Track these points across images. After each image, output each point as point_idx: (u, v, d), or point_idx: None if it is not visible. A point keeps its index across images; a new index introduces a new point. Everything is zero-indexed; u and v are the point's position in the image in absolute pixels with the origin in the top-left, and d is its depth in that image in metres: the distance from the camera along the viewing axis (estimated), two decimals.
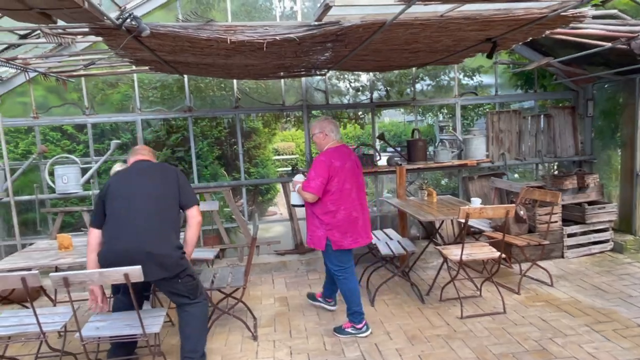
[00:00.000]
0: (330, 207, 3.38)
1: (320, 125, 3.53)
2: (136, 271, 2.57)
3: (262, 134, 8.21)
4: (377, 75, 5.65)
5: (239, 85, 5.22)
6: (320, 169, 3.34)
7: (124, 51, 3.41)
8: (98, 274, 2.57)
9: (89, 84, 5.03)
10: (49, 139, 6.14)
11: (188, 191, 3.01)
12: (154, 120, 5.61)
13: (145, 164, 3.08)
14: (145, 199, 2.83)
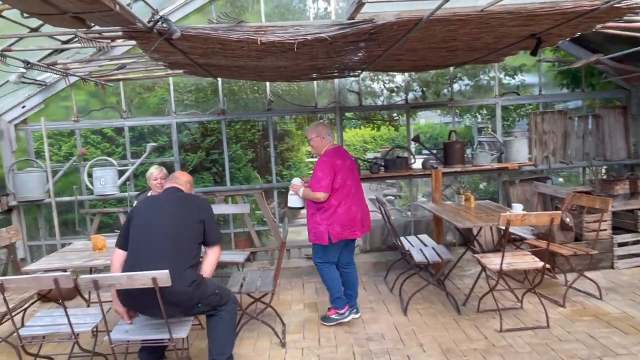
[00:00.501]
0: (333, 202, 3.61)
1: (316, 130, 3.74)
2: (163, 275, 2.54)
3: (295, 136, 8.18)
4: (413, 75, 5.48)
5: (271, 88, 5.18)
6: (326, 168, 3.57)
7: (157, 54, 3.43)
8: (126, 277, 2.56)
9: (127, 88, 5.13)
10: (90, 142, 6.34)
11: (213, 230, 2.92)
12: (190, 123, 5.67)
13: (176, 195, 2.98)
14: (166, 234, 2.76)
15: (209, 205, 2.99)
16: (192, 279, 2.75)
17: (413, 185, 5.78)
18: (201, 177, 6.50)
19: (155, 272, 2.54)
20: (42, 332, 3.03)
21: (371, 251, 5.50)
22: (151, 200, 3.02)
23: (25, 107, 4.88)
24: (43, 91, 4.87)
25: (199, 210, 2.88)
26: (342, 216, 3.62)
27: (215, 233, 2.94)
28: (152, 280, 2.55)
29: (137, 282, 2.57)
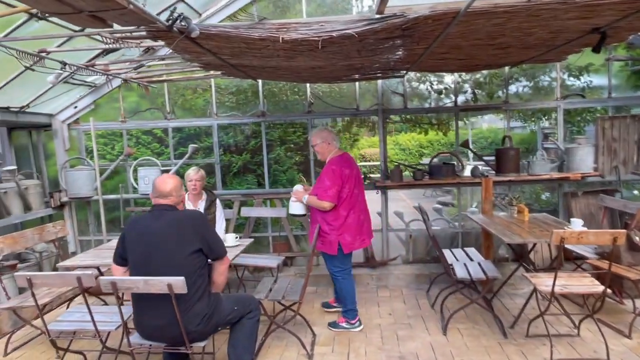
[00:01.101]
0: (342, 212, 3.60)
1: (321, 135, 3.70)
2: (179, 282, 2.48)
3: (342, 139, 8.02)
4: (463, 76, 5.12)
5: (312, 89, 5.06)
6: (334, 177, 3.54)
7: (189, 55, 3.42)
8: (143, 282, 2.52)
9: (171, 90, 5.23)
10: (141, 142, 6.56)
11: (216, 244, 2.69)
12: (236, 125, 5.68)
13: (165, 220, 2.61)
14: (164, 270, 2.53)
15: (203, 219, 2.73)
16: (202, 314, 2.65)
17: (461, 194, 5.41)
18: (245, 179, 6.51)
19: (170, 278, 2.48)
20: (71, 328, 3.10)
21: (414, 262, 5.20)
22: (140, 229, 2.63)
23: (77, 108, 5.12)
24: (93, 92, 5.08)
25: (194, 232, 2.60)
26: (352, 226, 3.65)
27: (219, 246, 2.73)
28: (167, 286, 2.50)
29: (154, 288, 2.52)
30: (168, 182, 2.71)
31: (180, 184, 2.77)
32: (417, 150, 16.27)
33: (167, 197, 2.68)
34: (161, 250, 2.57)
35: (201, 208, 4.32)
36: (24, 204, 4.72)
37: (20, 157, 5.36)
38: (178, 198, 2.73)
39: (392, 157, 16.12)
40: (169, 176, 2.79)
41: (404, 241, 5.36)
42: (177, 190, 2.73)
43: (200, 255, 2.63)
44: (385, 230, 5.14)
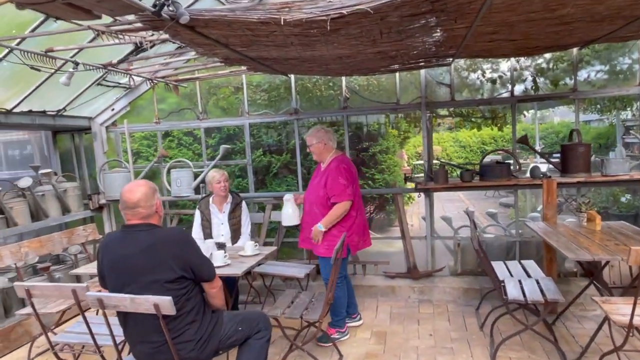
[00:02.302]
0: (352, 212, 3.48)
1: (317, 135, 3.56)
2: (166, 302, 2.18)
3: (390, 137, 7.46)
4: (523, 62, 4.42)
5: (347, 83, 4.61)
6: (348, 176, 3.45)
7: (201, 48, 3.13)
8: (129, 300, 2.25)
9: (203, 89, 5.02)
10: (183, 143, 6.47)
11: (199, 266, 2.32)
12: (271, 124, 5.39)
13: (141, 245, 2.23)
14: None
15: (183, 241, 2.31)
16: (196, 339, 2.34)
17: (524, 197, 4.69)
18: (285, 180, 6.22)
19: (157, 298, 2.19)
20: (76, 341, 2.93)
21: (463, 274, 4.59)
22: (112, 256, 2.30)
23: (114, 110, 5.06)
24: (128, 94, 5.00)
25: (173, 257, 2.22)
26: (360, 226, 3.58)
27: (205, 269, 2.35)
28: (154, 306, 2.20)
29: (141, 307, 2.24)
30: (134, 191, 2.29)
31: (152, 191, 2.34)
32: (478, 148, 15.18)
33: (133, 210, 2.27)
34: (136, 281, 2.24)
35: (226, 212, 4.06)
36: (62, 206, 4.73)
37: (64, 160, 5.43)
38: (149, 209, 2.29)
39: (451, 155, 15.18)
40: (138, 183, 2.36)
41: (451, 250, 4.76)
42: (147, 199, 2.29)
43: (185, 280, 2.28)
44: (429, 237, 4.58)
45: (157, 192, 2.41)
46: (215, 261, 3.15)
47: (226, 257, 3.21)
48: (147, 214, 2.30)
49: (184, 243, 2.30)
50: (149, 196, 2.33)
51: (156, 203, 2.35)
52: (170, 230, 2.39)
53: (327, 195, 3.46)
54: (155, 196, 2.37)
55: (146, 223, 2.31)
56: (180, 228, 2.46)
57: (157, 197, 2.38)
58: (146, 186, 2.35)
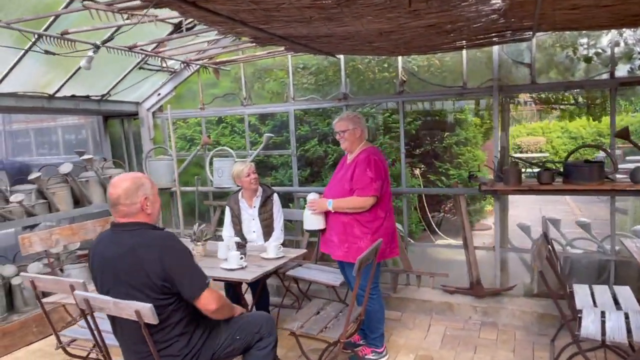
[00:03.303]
0: (380, 212, 3.24)
1: (354, 120, 3.31)
2: (147, 310, 2.11)
3: (470, 126, 6.87)
4: (627, 35, 3.71)
5: (404, 64, 4.24)
6: (379, 169, 3.19)
7: (219, 26, 3.02)
8: (113, 304, 2.22)
9: (247, 72, 4.96)
10: (236, 130, 6.54)
11: (188, 277, 2.17)
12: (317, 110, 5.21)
13: (119, 245, 2.18)
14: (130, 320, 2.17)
15: (171, 244, 2.19)
16: (184, 353, 2.25)
17: (615, 206, 4.00)
18: None
19: (138, 304, 2.12)
20: (85, 337, 3.02)
21: (540, 296, 4.04)
22: (97, 257, 2.28)
23: (160, 95, 5.21)
24: (174, 78, 5.11)
25: (154, 264, 2.12)
26: (388, 230, 3.30)
27: (187, 283, 2.17)
28: (135, 313, 2.15)
29: (124, 312, 2.20)
30: (116, 186, 2.20)
31: (136, 187, 2.22)
32: (594, 140, 13.61)
33: (114, 207, 2.21)
34: (118, 286, 2.20)
35: (256, 206, 3.97)
36: (107, 194, 4.98)
37: (115, 145, 5.73)
38: (130, 207, 2.20)
39: (558, 148, 13.80)
40: (124, 177, 2.26)
41: (528, 265, 4.22)
42: (128, 196, 2.19)
43: (168, 290, 2.18)
44: (498, 248, 4.09)
45: (143, 187, 2.26)
46: (229, 263, 3.06)
47: (242, 259, 3.10)
48: (127, 212, 2.22)
49: (166, 249, 2.17)
50: (130, 193, 2.22)
51: (141, 200, 2.24)
52: (155, 233, 2.24)
53: (352, 189, 3.20)
54: (139, 193, 2.24)
55: (133, 222, 2.24)
56: (168, 232, 2.29)
57: (144, 194, 2.25)
58: (130, 181, 2.25)
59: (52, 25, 3.34)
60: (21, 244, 3.59)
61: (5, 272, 3.94)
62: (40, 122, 6.24)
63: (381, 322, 3.40)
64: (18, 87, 4.02)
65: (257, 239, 3.98)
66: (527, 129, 14.46)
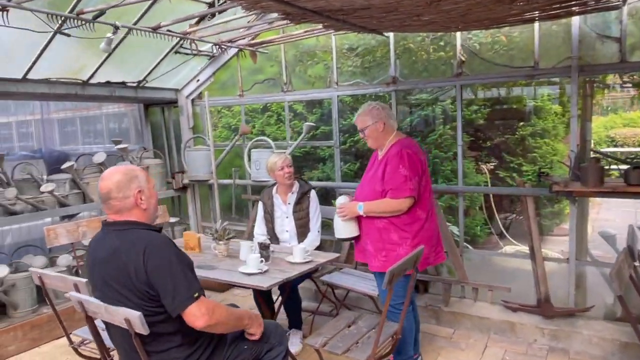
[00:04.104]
0: (420, 213, 2.92)
1: (372, 113, 3.00)
2: (135, 318, 1.97)
3: (548, 115, 6.21)
4: None
5: (464, 42, 3.83)
6: (412, 164, 2.84)
7: (244, 1, 2.83)
8: (104, 309, 2.11)
9: (288, 56, 4.76)
10: (282, 119, 6.38)
11: (168, 284, 1.96)
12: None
13: (107, 244, 2.08)
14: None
15: (156, 245, 2.02)
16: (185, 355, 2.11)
17: None
18: None
19: (127, 311, 1.99)
20: (90, 337, 2.98)
21: (624, 321, 3.51)
22: (90, 257, 2.19)
23: (200, 81, 5.15)
24: (213, 63, 5.02)
25: (136, 268, 1.97)
26: (430, 232, 3.00)
27: (176, 291, 1.96)
28: (125, 321, 2.02)
29: (115, 318, 2.08)
30: (107, 179, 2.09)
31: (128, 179, 2.09)
32: None
33: (106, 202, 2.09)
34: (107, 289, 2.09)
35: (291, 203, 3.77)
36: None
37: (155, 134, 5.78)
38: (123, 201, 2.08)
39: None
40: (115, 169, 2.15)
41: (610, 282, 3.67)
42: (120, 189, 2.07)
43: (157, 298, 2.02)
44: (574, 260, 3.60)
45: (137, 180, 2.13)
46: (247, 267, 2.89)
47: (263, 263, 2.91)
48: (120, 207, 2.09)
49: (150, 251, 1.98)
50: (122, 186, 2.08)
51: (134, 193, 2.10)
52: (141, 233, 2.08)
53: (385, 190, 2.89)
54: (132, 185, 2.10)
55: (123, 221, 2.11)
56: (157, 233, 2.12)
57: (138, 187, 2.11)
58: (122, 173, 2.12)
59: (79, 6, 3.32)
60: (46, 236, 3.65)
61: (36, 263, 4.04)
62: (87, 110, 6.44)
63: (409, 344, 3.07)
64: (50, 73, 4.09)
65: (290, 239, 3.79)
66: (623, 119, 13.10)
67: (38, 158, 4.87)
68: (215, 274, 2.92)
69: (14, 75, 3.88)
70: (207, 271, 2.98)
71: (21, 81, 3.94)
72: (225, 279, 2.84)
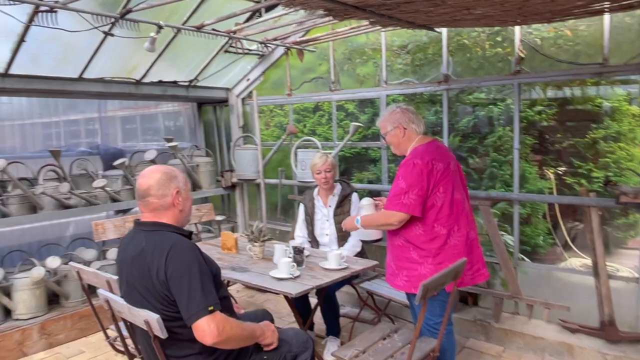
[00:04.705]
0: (439, 229, 2.63)
1: (392, 118, 2.79)
2: (154, 321, 1.94)
3: (625, 117, 5.65)
4: None
5: (523, 36, 3.53)
6: (414, 175, 2.58)
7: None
8: (127, 309, 2.11)
9: (337, 54, 4.64)
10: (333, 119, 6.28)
11: (184, 292, 1.92)
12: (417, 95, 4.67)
13: (134, 244, 2.08)
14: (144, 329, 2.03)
15: (178, 250, 1.97)
16: None
17: None
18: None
19: (147, 313, 1.97)
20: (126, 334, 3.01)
21: None
22: (119, 255, 2.21)
23: (249, 80, 5.15)
24: (263, 62, 5.00)
25: (157, 271, 1.95)
26: (458, 248, 2.65)
27: (190, 302, 1.91)
28: (145, 322, 1.99)
29: (137, 319, 2.07)
30: (147, 177, 2.10)
31: (168, 178, 2.10)
32: None
33: (144, 199, 2.09)
34: (131, 289, 2.09)
35: (332, 205, 3.66)
36: (192, 181, 5.08)
37: (208, 133, 5.87)
38: (162, 199, 2.08)
39: None
40: (155, 168, 2.16)
41: None
42: (160, 187, 2.07)
43: (171, 301, 2.00)
44: None
45: (176, 180, 2.14)
46: (279, 271, 2.80)
47: (295, 267, 2.81)
48: (158, 204, 2.09)
49: (172, 255, 1.95)
50: (163, 183, 2.10)
51: (172, 193, 2.11)
52: (168, 235, 2.06)
53: None
54: (171, 185, 2.12)
55: (154, 222, 2.11)
56: (183, 237, 2.09)
57: (176, 187, 2.12)
58: (162, 172, 2.14)
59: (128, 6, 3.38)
60: (94, 230, 3.78)
61: (86, 256, 4.20)
62: (147, 108, 6.66)
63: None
64: (105, 73, 4.22)
65: (330, 244, 3.67)
66: None
67: (95, 154, 5.06)
68: (246, 277, 2.85)
69: (70, 75, 4.04)
70: (239, 273, 2.92)
71: (77, 80, 4.10)
72: (256, 282, 2.77)
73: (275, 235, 5.15)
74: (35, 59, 3.73)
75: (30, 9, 3.07)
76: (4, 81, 3.66)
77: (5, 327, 3.67)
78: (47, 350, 3.81)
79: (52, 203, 4.02)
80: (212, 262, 2.18)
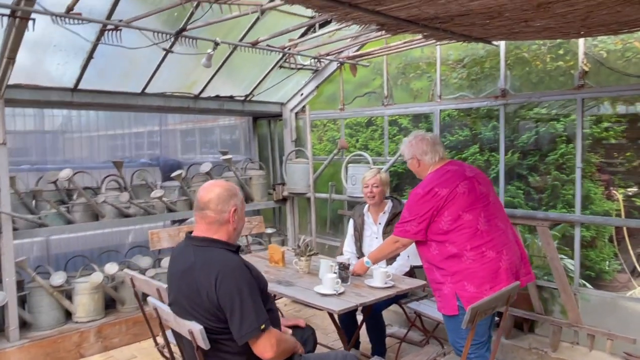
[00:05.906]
0: (451, 249, 2.67)
1: (408, 149, 2.94)
2: (197, 331, 1.98)
3: None
4: None
5: (587, 49, 3.34)
6: (415, 205, 2.74)
7: (330, 11, 2.76)
8: (174, 318, 2.15)
9: (391, 68, 4.59)
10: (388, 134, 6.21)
11: (236, 312, 1.96)
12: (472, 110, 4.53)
13: (185, 258, 2.13)
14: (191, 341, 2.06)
15: (229, 270, 2.00)
16: None
17: None
18: (508, 189, 5.16)
19: (191, 324, 2.01)
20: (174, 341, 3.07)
21: None
22: (170, 267, 2.27)
23: (303, 95, 5.21)
24: (316, 77, 5.05)
25: (207, 289, 1.98)
26: (476, 268, 2.60)
27: (243, 322, 1.95)
28: (189, 333, 2.02)
29: (182, 329, 2.11)
30: (208, 190, 2.14)
31: (229, 195, 2.14)
32: None
33: (202, 211, 2.12)
34: (179, 300, 2.14)
35: (382, 223, 3.59)
36: (245, 194, 5.16)
37: (262, 146, 5.98)
38: (219, 215, 2.10)
39: None
40: (216, 183, 2.21)
41: None
42: (220, 201, 2.10)
43: (221, 318, 2.03)
44: None
45: (236, 197, 2.17)
46: (323, 287, 2.77)
47: (339, 284, 2.77)
48: (215, 219, 2.12)
49: (223, 274, 1.98)
50: (223, 199, 2.13)
51: (230, 210, 2.13)
52: (218, 252, 2.09)
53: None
54: (231, 202, 2.14)
55: (205, 237, 2.14)
56: (235, 255, 2.12)
57: (235, 205, 2.15)
58: (224, 188, 2.18)
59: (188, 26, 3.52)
60: (150, 239, 3.90)
61: (142, 263, 4.35)
62: (206, 122, 6.89)
63: None
64: (165, 88, 4.40)
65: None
66: None
67: (155, 166, 5.27)
68: (291, 292, 2.84)
69: (134, 89, 4.25)
70: (284, 288, 2.92)
71: (140, 95, 4.30)
72: (300, 297, 2.75)
73: (324, 250, 5.13)
74: (102, 75, 3.97)
75: (98, 28, 3.26)
76: (73, 96, 3.90)
77: (66, 329, 3.86)
78: (102, 353, 3.97)
79: (113, 211, 4.22)
80: (259, 276, 2.18)
